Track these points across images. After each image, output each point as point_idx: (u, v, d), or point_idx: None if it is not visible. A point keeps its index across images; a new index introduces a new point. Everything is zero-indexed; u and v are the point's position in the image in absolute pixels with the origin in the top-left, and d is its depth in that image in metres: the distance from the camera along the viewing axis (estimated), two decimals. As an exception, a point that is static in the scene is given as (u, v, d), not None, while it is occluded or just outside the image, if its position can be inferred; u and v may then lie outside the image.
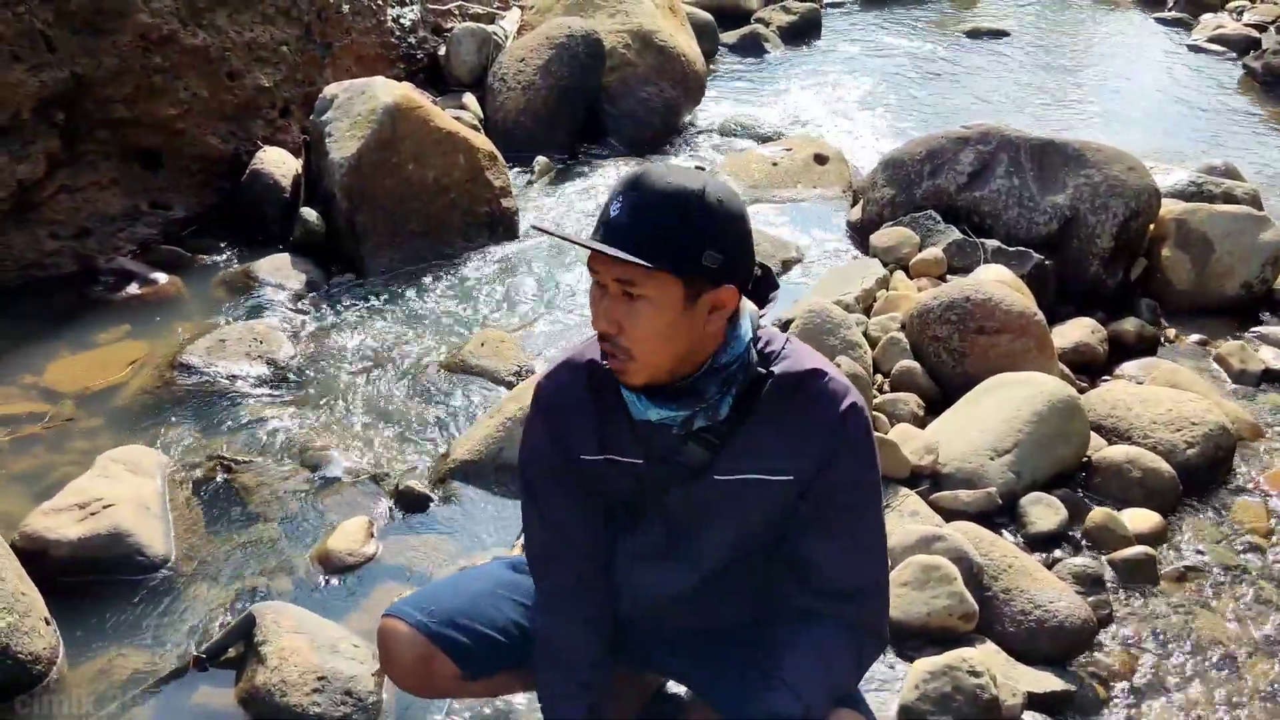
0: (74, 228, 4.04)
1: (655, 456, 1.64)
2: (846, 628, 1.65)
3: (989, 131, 4.36)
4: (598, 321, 1.53)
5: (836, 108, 6.32)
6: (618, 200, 1.48)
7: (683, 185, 1.49)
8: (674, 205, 1.47)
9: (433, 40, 5.74)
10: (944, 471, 2.99)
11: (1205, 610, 2.68)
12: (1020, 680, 2.36)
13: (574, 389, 1.68)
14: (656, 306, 1.49)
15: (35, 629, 2.36)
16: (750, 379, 1.58)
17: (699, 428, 1.58)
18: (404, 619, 1.75)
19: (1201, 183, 4.72)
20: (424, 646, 1.73)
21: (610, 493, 1.71)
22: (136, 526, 2.71)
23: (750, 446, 1.60)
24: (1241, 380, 3.68)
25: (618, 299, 1.51)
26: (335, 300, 4.00)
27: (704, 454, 1.61)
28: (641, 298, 1.49)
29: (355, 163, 4.14)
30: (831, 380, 1.61)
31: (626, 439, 1.65)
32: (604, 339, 1.54)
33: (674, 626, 1.82)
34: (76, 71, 3.93)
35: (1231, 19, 8.23)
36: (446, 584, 1.88)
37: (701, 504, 1.65)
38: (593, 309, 1.54)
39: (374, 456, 3.16)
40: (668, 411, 1.57)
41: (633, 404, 1.59)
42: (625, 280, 1.49)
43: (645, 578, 1.74)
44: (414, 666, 1.76)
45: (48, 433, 3.21)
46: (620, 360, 1.53)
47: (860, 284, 3.92)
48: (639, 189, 1.48)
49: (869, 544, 1.67)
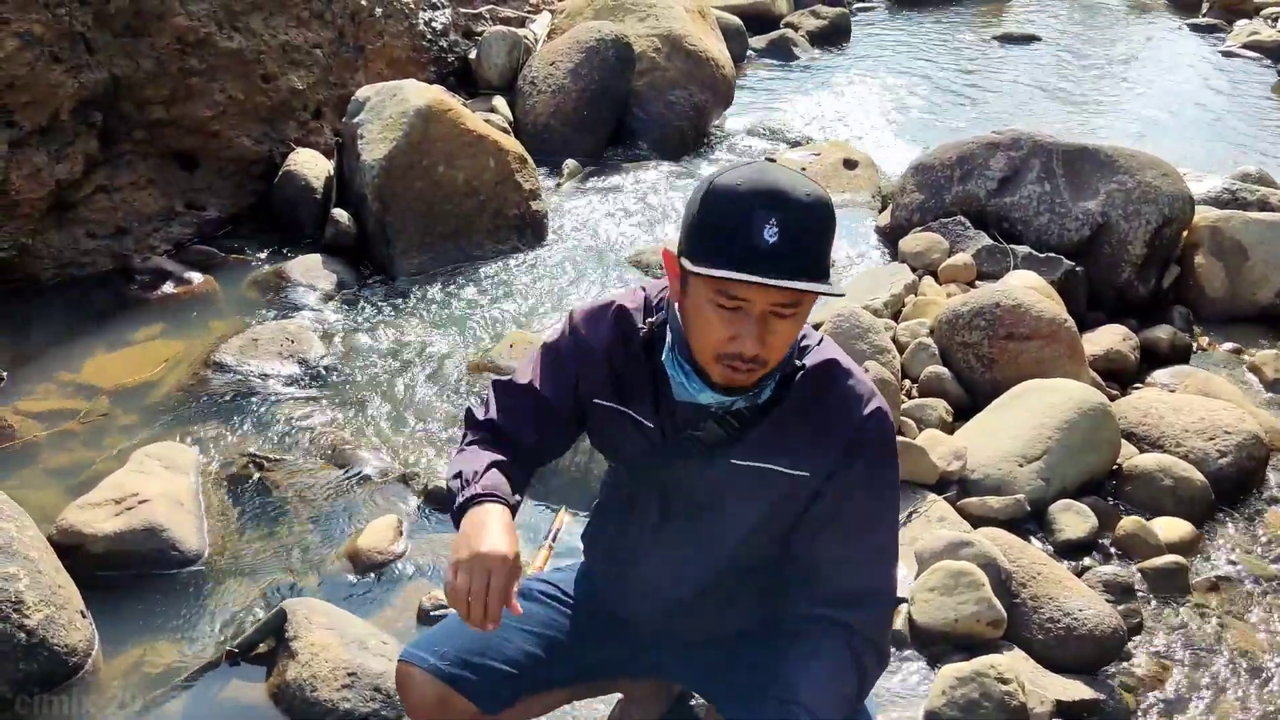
0: (111, 227, 4.10)
1: (670, 426, 1.63)
2: (851, 643, 1.59)
3: (1020, 137, 4.34)
4: (741, 344, 1.45)
5: (865, 112, 6.32)
6: (769, 224, 1.38)
7: (818, 196, 1.43)
8: (820, 220, 1.43)
9: (464, 44, 5.78)
10: (972, 477, 2.98)
11: (1237, 621, 2.65)
12: (1049, 688, 2.34)
13: (611, 333, 1.67)
14: (803, 315, 1.49)
15: (72, 622, 2.40)
16: (788, 368, 1.58)
17: (735, 409, 1.58)
18: (418, 664, 1.76)
19: (1236, 190, 4.67)
20: (440, 689, 1.74)
21: (619, 448, 1.71)
22: (170, 522, 2.75)
23: (772, 437, 1.59)
24: (1275, 389, 3.65)
25: (765, 320, 1.45)
26: (366, 301, 4.04)
27: (722, 435, 1.60)
28: (794, 315, 1.46)
29: (386, 165, 4.18)
30: (857, 382, 1.60)
31: (646, 401, 1.64)
32: (738, 358, 1.47)
33: (685, 632, 1.81)
34: (115, 73, 3.99)
35: (1266, 25, 8.15)
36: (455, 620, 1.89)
37: (714, 488, 1.64)
38: (725, 330, 1.46)
39: (403, 456, 3.19)
40: (723, 397, 1.56)
41: (680, 385, 1.57)
42: (787, 305, 1.44)
43: (656, 566, 1.74)
44: (433, 710, 1.77)
45: (84, 428, 3.25)
46: (753, 372, 1.50)
47: (889, 289, 3.91)
48: (786, 209, 1.40)
49: (878, 552, 1.63)
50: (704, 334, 1.49)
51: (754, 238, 1.39)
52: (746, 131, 5.84)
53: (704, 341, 1.50)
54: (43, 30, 3.72)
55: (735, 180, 1.43)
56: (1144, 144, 4.81)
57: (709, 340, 1.49)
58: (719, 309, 1.45)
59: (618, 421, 1.68)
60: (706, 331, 1.48)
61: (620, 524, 1.78)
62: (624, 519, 1.77)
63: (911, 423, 3.20)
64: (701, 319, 1.48)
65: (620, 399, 1.67)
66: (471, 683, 1.75)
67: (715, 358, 1.50)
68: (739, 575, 1.73)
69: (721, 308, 1.45)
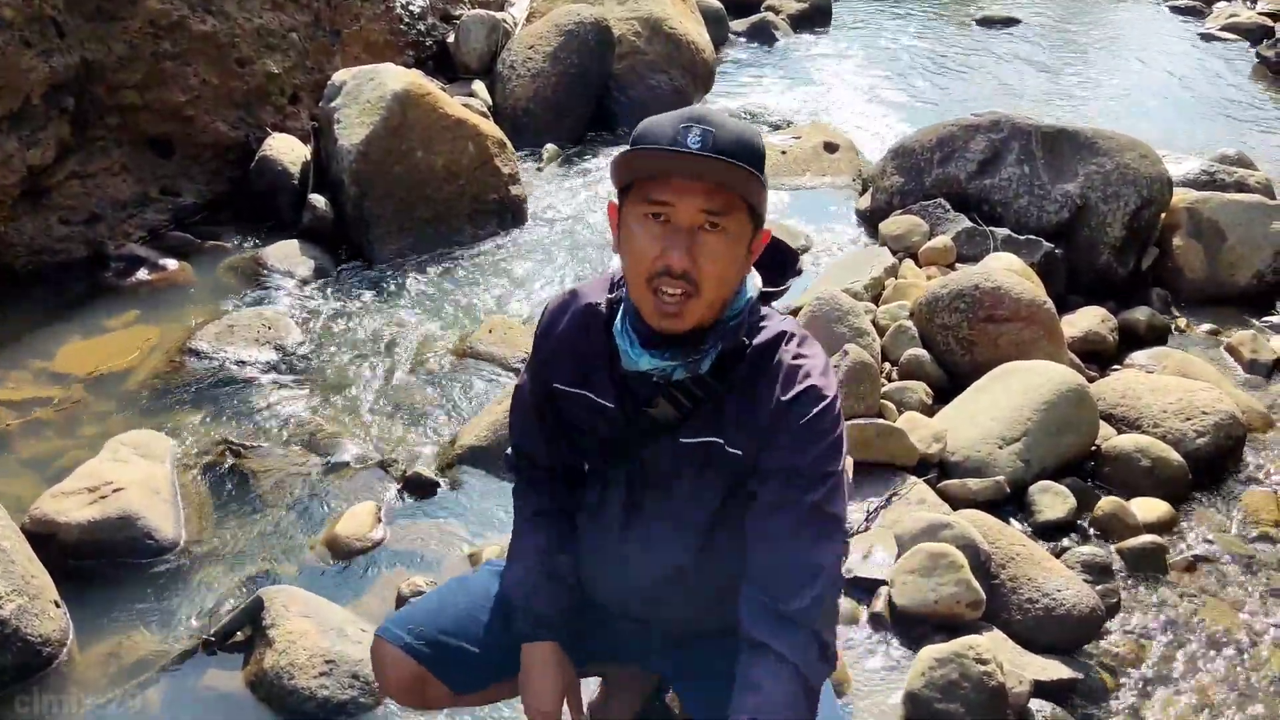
0: (84, 213, 4.05)
1: (631, 405, 1.64)
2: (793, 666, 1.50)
3: (1000, 119, 4.34)
4: (669, 257, 1.46)
5: (846, 95, 6.30)
6: (692, 132, 1.43)
7: (742, 122, 1.51)
8: (748, 139, 1.47)
9: (442, 27, 5.73)
10: (952, 460, 2.98)
11: (1214, 600, 2.67)
12: (1027, 668, 2.35)
13: (568, 323, 1.70)
14: (733, 239, 1.48)
15: (45, 611, 2.38)
16: (735, 345, 1.57)
17: (676, 380, 1.57)
18: (392, 641, 1.76)
19: (1214, 171, 4.69)
20: (413, 668, 1.75)
21: (584, 432, 1.72)
22: (146, 510, 2.72)
23: (715, 414, 1.59)
24: (1253, 370, 3.67)
25: (691, 233, 1.46)
26: (344, 287, 4.01)
27: (673, 413, 1.59)
28: (721, 230, 1.47)
29: (364, 149, 4.15)
30: (801, 359, 1.57)
31: (605, 385, 1.65)
32: (670, 275, 1.47)
33: (662, 623, 1.80)
34: (86, 57, 3.93)
35: (1245, 7, 8.18)
36: (433, 600, 1.88)
37: (667, 465, 1.64)
38: (653, 246, 1.47)
39: (382, 442, 3.17)
40: (660, 361, 1.55)
41: (625, 353, 1.58)
42: (712, 210, 1.45)
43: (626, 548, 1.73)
44: (406, 687, 1.78)
45: (58, 417, 3.22)
46: (682, 301, 1.48)
47: (869, 272, 3.91)
48: (708, 121, 1.46)
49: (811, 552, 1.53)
50: (636, 258, 1.50)
51: (679, 143, 1.44)
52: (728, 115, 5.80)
53: (637, 268, 1.50)
54: (13, 14, 3.66)
55: (666, 114, 1.51)
56: (1123, 126, 4.82)
57: (641, 264, 1.49)
58: (647, 223, 1.48)
59: (579, 405, 1.69)
60: (638, 255, 1.49)
61: (593, 509, 1.77)
62: (597, 503, 1.76)
63: (891, 405, 3.21)
64: (632, 242, 1.50)
65: (582, 384, 1.68)
66: (445, 663, 1.75)
67: (647, 283, 1.49)
68: (714, 562, 1.71)
69: (649, 219, 1.48)
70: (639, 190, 1.49)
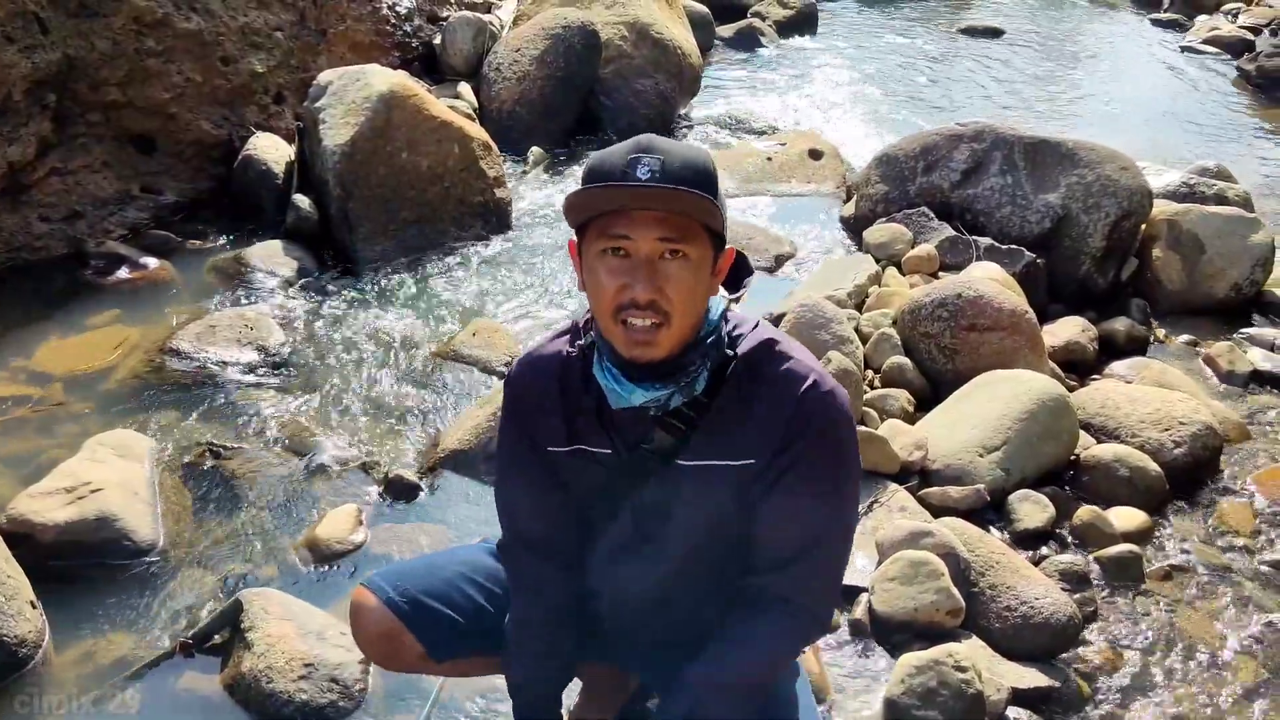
0: (65, 211, 4.03)
1: (624, 445, 1.62)
2: (777, 603, 1.59)
3: (983, 129, 4.37)
4: (633, 291, 1.46)
5: (831, 103, 6.33)
6: (640, 164, 1.43)
7: (691, 146, 1.51)
8: (698, 163, 1.47)
9: (428, 28, 5.72)
10: (933, 468, 3.00)
11: (1189, 609, 2.69)
12: (1005, 675, 2.37)
13: (541, 383, 1.66)
14: (695, 265, 1.48)
15: (21, 612, 2.36)
16: (720, 359, 1.58)
17: (673, 409, 1.56)
18: (375, 593, 1.76)
19: (1193, 184, 4.73)
20: (392, 623, 1.74)
21: (582, 485, 1.69)
22: (124, 511, 2.70)
23: (715, 431, 1.58)
24: (1230, 381, 3.70)
25: (652, 264, 1.46)
26: (327, 288, 3.99)
27: (671, 441, 1.59)
28: (683, 256, 1.47)
29: (349, 150, 4.13)
30: (795, 361, 1.58)
31: (595, 430, 1.63)
32: (636, 307, 1.47)
33: (649, 633, 1.80)
34: (69, 54, 3.91)
35: (1226, 21, 8.25)
36: (423, 562, 1.88)
37: (669, 491, 1.63)
38: (615, 281, 1.47)
39: (363, 444, 3.16)
40: (654, 392, 1.54)
41: (613, 392, 1.55)
42: (670, 239, 1.45)
43: (621, 571, 1.73)
44: (381, 641, 1.77)
45: (36, 416, 3.19)
46: (652, 332, 1.49)
47: (853, 279, 3.92)
48: (656, 150, 1.45)
49: (816, 522, 1.60)
50: (600, 295, 1.50)
51: (629, 175, 1.44)
52: (712, 120, 5.83)
53: (602, 305, 1.51)
54: (-6, 8, 3.64)
55: (614, 146, 1.51)
56: (1104, 138, 4.85)
57: (606, 299, 1.49)
58: (606, 258, 1.48)
59: (578, 461, 1.66)
60: (602, 291, 1.49)
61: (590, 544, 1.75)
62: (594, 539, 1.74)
63: (874, 413, 3.22)
64: (595, 280, 1.50)
65: (571, 438, 1.65)
66: (424, 625, 1.75)
67: (614, 316, 1.49)
68: (703, 574, 1.72)
69: (609, 254, 1.48)
70: (595, 227, 1.49)
